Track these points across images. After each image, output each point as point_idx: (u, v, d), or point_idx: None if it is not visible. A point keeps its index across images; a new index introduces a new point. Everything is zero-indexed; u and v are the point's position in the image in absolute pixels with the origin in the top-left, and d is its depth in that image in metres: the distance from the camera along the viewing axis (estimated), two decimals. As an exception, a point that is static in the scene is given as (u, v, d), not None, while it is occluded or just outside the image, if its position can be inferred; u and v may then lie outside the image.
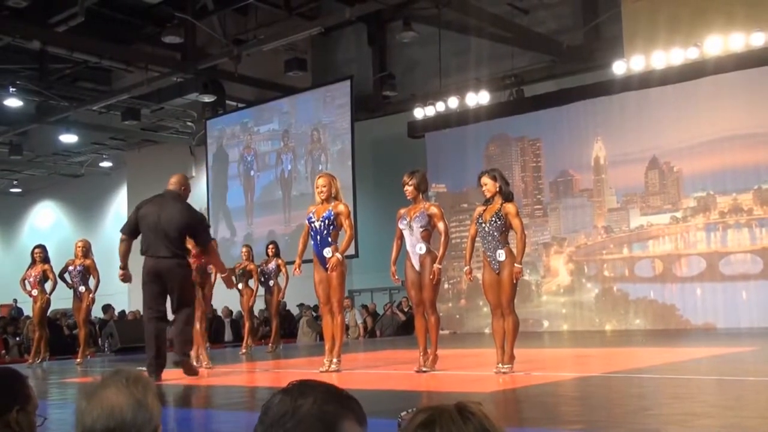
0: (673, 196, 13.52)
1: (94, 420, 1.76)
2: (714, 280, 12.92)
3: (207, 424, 4.98)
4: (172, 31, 15.11)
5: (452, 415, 1.29)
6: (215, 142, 19.21)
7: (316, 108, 17.10)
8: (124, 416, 1.75)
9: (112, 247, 25.86)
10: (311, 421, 1.42)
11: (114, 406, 1.76)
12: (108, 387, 1.79)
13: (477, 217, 6.70)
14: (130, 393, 1.78)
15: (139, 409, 1.77)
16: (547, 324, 14.68)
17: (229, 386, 7.33)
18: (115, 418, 1.75)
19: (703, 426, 3.85)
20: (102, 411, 1.75)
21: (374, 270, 15.52)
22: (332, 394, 1.50)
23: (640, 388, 5.84)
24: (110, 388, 1.79)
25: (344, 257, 7.46)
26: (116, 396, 1.77)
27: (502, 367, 6.54)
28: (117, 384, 1.79)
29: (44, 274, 11.06)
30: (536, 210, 15.07)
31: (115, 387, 1.79)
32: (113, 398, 1.77)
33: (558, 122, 14.67)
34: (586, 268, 14.49)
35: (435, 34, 15.45)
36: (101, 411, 1.75)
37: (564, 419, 4.43)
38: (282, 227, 17.64)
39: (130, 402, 1.76)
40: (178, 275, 7.35)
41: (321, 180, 7.52)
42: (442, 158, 16.17)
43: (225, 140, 19.06)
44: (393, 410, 4.88)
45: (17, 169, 25.69)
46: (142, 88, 17.09)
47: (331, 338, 7.51)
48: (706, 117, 12.84)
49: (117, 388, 1.78)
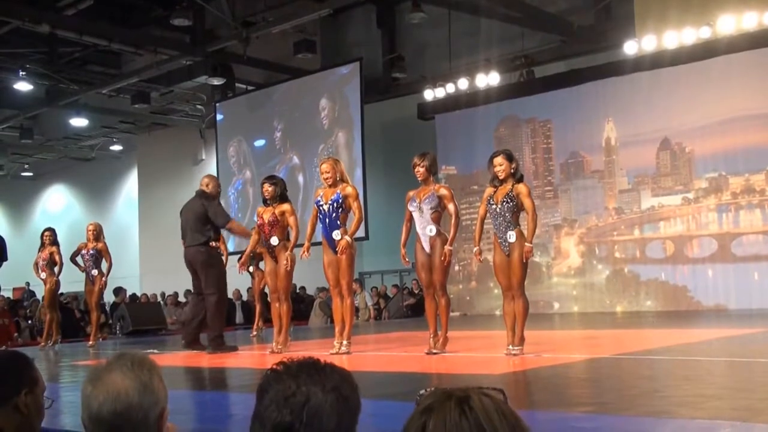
0: (684, 176, 13.44)
1: (101, 404, 1.76)
2: (725, 261, 12.87)
3: (219, 406, 5.00)
4: (180, 13, 15.07)
5: (451, 407, 1.23)
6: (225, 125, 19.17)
7: (326, 90, 17.03)
8: (131, 399, 1.75)
9: (124, 230, 26.04)
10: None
11: (120, 389, 1.76)
12: (113, 371, 1.79)
13: (488, 198, 6.66)
14: (135, 376, 1.77)
15: (145, 392, 1.77)
16: (557, 306, 14.67)
17: (241, 368, 7.36)
18: (122, 401, 1.75)
19: (713, 408, 3.84)
20: (108, 395, 1.75)
21: (384, 252, 15.55)
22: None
23: (650, 370, 5.83)
24: (115, 372, 1.79)
25: (353, 240, 7.47)
26: (122, 380, 1.77)
27: (513, 348, 6.53)
28: (122, 368, 1.79)
29: (51, 257, 11.10)
30: (547, 191, 15.02)
31: (120, 371, 1.78)
32: (119, 382, 1.77)
33: (568, 103, 14.59)
34: (597, 250, 14.45)
35: (445, 14, 15.35)
36: (107, 395, 1.75)
37: (574, 401, 4.42)
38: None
39: (136, 385, 1.76)
40: (199, 260, 8.43)
41: (324, 165, 7.52)
42: (452, 140, 16.12)
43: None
44: (403, 392, 4.91)
45: (28, 153, 25.78)
46: (152, 72, 17.10)
47: (341, 321, 7.53)
48: (718, 97, 12.73)
49: (122, 372, 1.78)
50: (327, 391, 1.47)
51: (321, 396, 1.46)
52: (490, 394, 1.27)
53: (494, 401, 1.25)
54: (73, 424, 3.89)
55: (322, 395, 1.46)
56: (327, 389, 1.47)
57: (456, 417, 1.21)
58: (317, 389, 1.47)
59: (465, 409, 1.22)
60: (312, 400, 1.46)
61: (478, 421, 1.21)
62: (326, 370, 1.52)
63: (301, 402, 1.45)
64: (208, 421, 4.55)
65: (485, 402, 1.24)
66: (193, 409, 4.85)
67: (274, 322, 8.28)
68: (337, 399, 1.47)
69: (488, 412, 1.23)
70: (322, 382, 1.48)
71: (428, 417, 1.23)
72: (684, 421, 3.58)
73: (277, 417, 1.45)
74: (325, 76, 17.18)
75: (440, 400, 1.24)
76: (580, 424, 3.61)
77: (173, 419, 1.89)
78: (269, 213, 8.01)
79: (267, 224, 7.99)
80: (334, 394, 1.47)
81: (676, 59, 12.85)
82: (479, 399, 1.24)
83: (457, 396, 1.25)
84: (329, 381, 1.49)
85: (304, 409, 1.45)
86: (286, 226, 8.06)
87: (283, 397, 1.46)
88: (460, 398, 1.24)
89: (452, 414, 1.22)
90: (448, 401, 1.24)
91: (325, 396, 1.47)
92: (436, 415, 1.22)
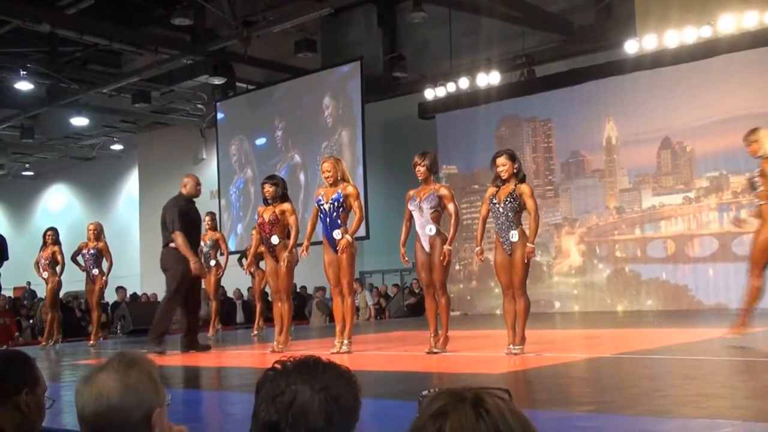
0: (685, 176, 13.43)
1: (84, 404, 1.75)
2: (726, 260, 12.84)
3: (219, 406, 5.00)
4: (181, 13, 15.07)
5: (466, 409, 1.20)
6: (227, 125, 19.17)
7: (327, 89, 17.02)
8: (110, 400, 1.73)
9: (124, 230, 25.98)
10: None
11: (102, 390, 1.75)
12: (102, 371, 1.78)
13: (490, 197, 6.66)
14: (119, 377, 1.76)
15: (127, 393, 1.75)
16: (558, 305, 14.66)
17: (241, 368, 7.36)
18: (102, 402, 1.74)
19: (715, 407, 3.84)
20: (91, 395, 1.75)
21: (385, 251, 15.54)
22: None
23: (651, 369, 5.83)
24: (103, 372, 1.78)
25: (354, 239, 7.48)
26: (106, 380, 1.76)
27: (513, 348, 6.53)
28: (109, 368, 1.78)
29: (53, 256, 11.11)
30: (548, 191, 15.01)
31: (107, 371, 1.78)
32: (102, 382, 1.76)
33: (569, 102, 14.58)
34: (597, 249, 14.44)
35: (445, 14, 15.34)
36: (91, 395, 1.75)
37: (575, 400, 4.42)
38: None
39: (117, 386, 1.75)
40: (163, 261, 8.52)
41: (326, 164, 7.52)
42: (453, 139, 16.11)
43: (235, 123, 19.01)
44: (404, 392, 4.90)
45: (29, 153, 25.79)
46: (152, 71, 17.10)
47: (341, 320, 7.53)
48: (719, 96, 12.71)
49: (108, 373, 1.77)
50: (315, 391, 1.47)
51: (309, 395, 1.46)
52: (500, 395, 1.25)
53: (506, 403, 1.23)
54: (73, 423, 3.88)
55: (310, 395, 1.46)
56: (316, 389, 1.47)
57: (473, 420, 1.19)
58: (306, 388, 1.47)
59: (481, 412, 1.20)
60: (299, 399, 1.46)
61: (495, 423, 1.19)
62: (319, 369, 1.51)
63: (288, 401, 1.46)
64: (207, 420, 4.55)
65: (499, 404, 1.22)
66: (193, 409, 4.85)
67: (276, 322, 8.28)
68: (326, 399, 1.47)
69: (504, 414, 1.21)
70: (312, 381, 1.48)
71: (443, 421, 1.20)
72: (685, 420, 3.57)
73: (266, 416, 1.46)
74: (326, 76, 17.17)
75: (453, 403, 1.21)
76: (581, 423, 3.61)
77: (172, 419, 1.88)
78: (269, 212, 8.02)
79: (267, 223, 8.00)
80: (323, 393, 1.47)
81: (677, 58, 12.84)
82: (493, 401, 1.22)
83: (471, 398, 1.22)
84: (319, 381, 1.49)
85: (290, 408, 1.45)
86: (286, 225, 8.07)
87: (272, 396, 1.47)
88: (474, 400, 1.22)
89: (469, 417, 1.19)
90: (462, 404, 1.21)
91: (313, 395, 1.46)
92: (452, 419, 1.19)
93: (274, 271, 8.09)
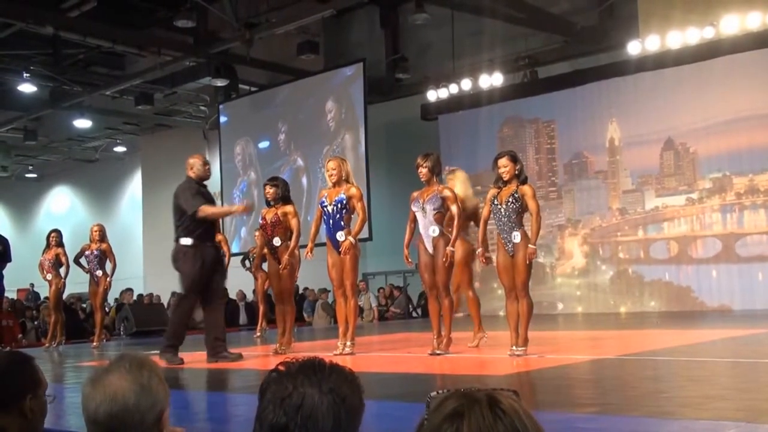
0: (688, 177, 13.42)
1: (97, 406, 1.75)
2: (730, 261, 12.84)
3: (223, 407, 5.01)
4: (184, 15, 15.09)
5: (483, 410, 1.19)
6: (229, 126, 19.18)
7: (329, 92, 17.02)
8: (127, 401, 1.74)
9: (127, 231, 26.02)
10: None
11: (116, 391, 1.75)
12: (112, 372, 1.78)
13: (491, 198, 6.66)
14: (133, 378, 1.77)
15: (142, 393, 1.76)
16: (561, 306, 14.65)
17: (245, 369, 7.36)
18: (118, 403, 1.74)
19: (718, 409, 3.83)
20: (105, 397, 1.75)
21: (388, 253, 15.51)
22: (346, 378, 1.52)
23: (654, 371, 5.82)
24: (114, 373, 1.78)
25: (357, 240, 7.48)
26: (119, 381, 1.76)
27: (516, 349, 6.53)
28: (120, 369, 1.78)
29: (57, 258, 11.13)
30: (550, 192, 15.00)
31: (118, 372, 1.78)
32: (116, 384, 1.76)
33: (572, 104, 14.57)
34: (600, 250, 14.43)
35: (448, 15, 15.34)
36: (104, 397, 1.75)
37: (578, 402, 4.42)
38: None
39: (133, 387, 1.75)
40: (174, 257, 7.59)
41: (331, 163, 7.53)
42: (456, 140, 16.11)
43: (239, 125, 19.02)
44: (407, 393, 4.90)
45: (32, 155, 25.83)
46: (155, 73, 17.11)
47: (344, 321, 7.53)
48: (722, 97, 12.71)
49: (120, 374, 1.77)
50: (324, 393, 1.47)
51: (317, 398, 1.46)
52: (510, 395, 1.25)
53: (518, 403, 1.23)
54: (77, 425, 3.89)
55: (318, 397, 1.46)
56: (324, 391, 1.47)
57: (491, 420, 1.18)
58: (314, 391, 1.46)
59: (498, 413, 1.19)
60: (307, 401, 1.45)
61: (512, 423, 1.18)
62: (325, 371, 1.51)
63: (296, 403, 1.45)
64: (210, 421, 4.55)
65: (513, 404, 1.21)
66: (196, 410, 4.86)
67: (278, 323, 8.29)
68: (334, 401, 1.47)
69: (519, 414, 1.20)
70: (319, 383, 1.48)
71: (459, 422, 1.19)
72: (688, 422, 3.57)
73: (273, 418, 1.45)
74: (329, 77, 17.18)
75: (468, 404, 1.20)
76: (584, 424, 3.61)
77: (175, 420, 1.88)
78: (272, 213, 8.05)
79: (269, 225, 8.02)
80: (331, 395, 1.47)
81: (680, 59, 12.84)
82: (508, 401, 1.21)
83: (486, 399, 1.21)
84: (326, 382, 1.48)
85: (299, 411, 1.45)
86: (288, 227, 8.08)
87: (280, 398, 1.46)
88: (489, 401, 1.21)
89: (486, 418, 1.18)
90: (477, 404, 1.20)
91: (322, 398, 1.46)
92: (469, 420, 1.18)
93: (277, 273, 8.12)
